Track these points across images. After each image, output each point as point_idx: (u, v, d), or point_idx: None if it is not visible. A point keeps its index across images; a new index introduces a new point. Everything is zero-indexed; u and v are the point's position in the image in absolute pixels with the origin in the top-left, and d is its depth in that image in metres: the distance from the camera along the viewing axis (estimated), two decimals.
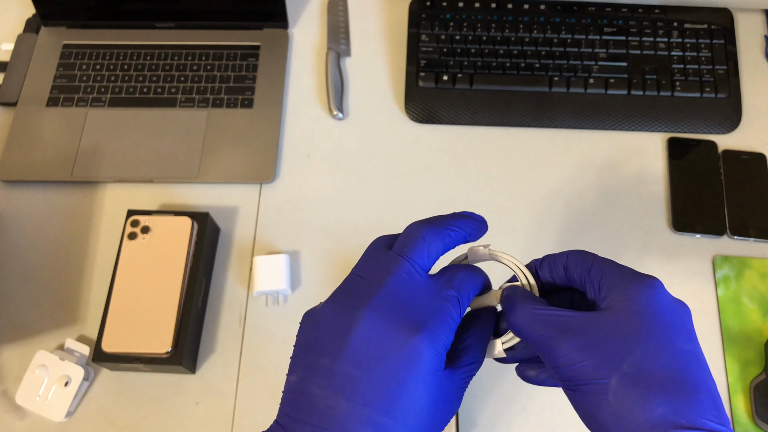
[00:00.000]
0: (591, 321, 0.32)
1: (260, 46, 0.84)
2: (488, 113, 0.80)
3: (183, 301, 0.65)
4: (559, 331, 0.32)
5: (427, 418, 0.32)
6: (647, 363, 0.31)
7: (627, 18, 0.84)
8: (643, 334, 0.31)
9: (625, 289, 0.33)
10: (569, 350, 0.32)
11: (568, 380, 0.32)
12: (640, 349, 0.31)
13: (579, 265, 0.35)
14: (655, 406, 0.30)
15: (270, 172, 0.77)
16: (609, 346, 0.31)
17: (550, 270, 0.37)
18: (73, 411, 0.66)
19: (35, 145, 0.78)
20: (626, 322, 0.32)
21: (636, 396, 0.30)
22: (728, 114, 0.80)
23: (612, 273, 0.34)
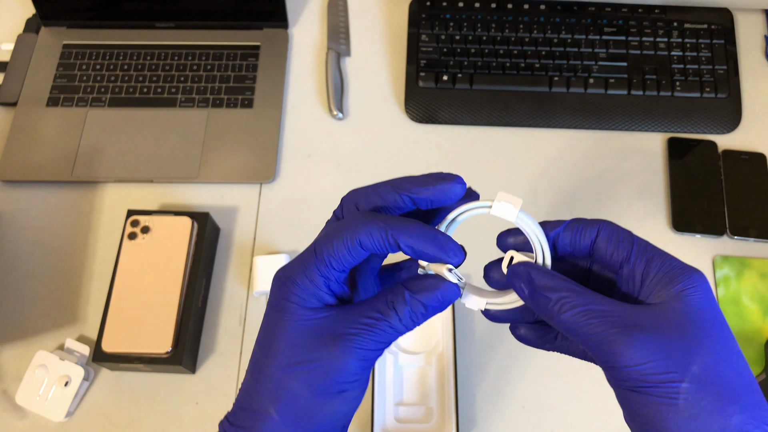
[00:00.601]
0: (651, 316, 0.29)
1: (260, 46, 0.84)
2: (488, 113, 0.80)
3: (183, 301, 0.65)
4: (618, 328, 0.29)
5: (282, 347, 0.32)
6: (717, 365, 0.28)
7: (627, 18, 0.84)
8: (708, 334, 0.29)
9: (676, 284, 0.30)
10: (633, 349, 0.29)
11: (631, 381, 0.29)
12: (708, 351, 0.29)
13: (615, 246, 0.32)
14: (731, 413, 0.28)
15: (270, 172, 0.77)
16: (676, 346, 0.28)
17: (573, 240, 0.33)
18: (73, 411, 0.66)
19: (35, 145, 0.78)
20: (687, 319, 0.29)
21: (711, 402, 0.28)
22: (728, 114, 0.80)
23: (658, 263, 0.31)
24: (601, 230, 0.33)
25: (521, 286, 0.32)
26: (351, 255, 0.32)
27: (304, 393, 0.32)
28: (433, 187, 0.32)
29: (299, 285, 0.32)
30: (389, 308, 0.32)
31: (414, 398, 0.65)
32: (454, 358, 0.65)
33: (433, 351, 0.66)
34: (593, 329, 0.30)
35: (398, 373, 0.66)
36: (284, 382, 0.32)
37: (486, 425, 0.65)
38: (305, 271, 0.32)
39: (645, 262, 0.31)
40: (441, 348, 0.66)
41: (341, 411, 0.33)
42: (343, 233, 0.32)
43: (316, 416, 0.32)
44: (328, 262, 0.32)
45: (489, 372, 0.67)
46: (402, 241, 0.31)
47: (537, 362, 0.68)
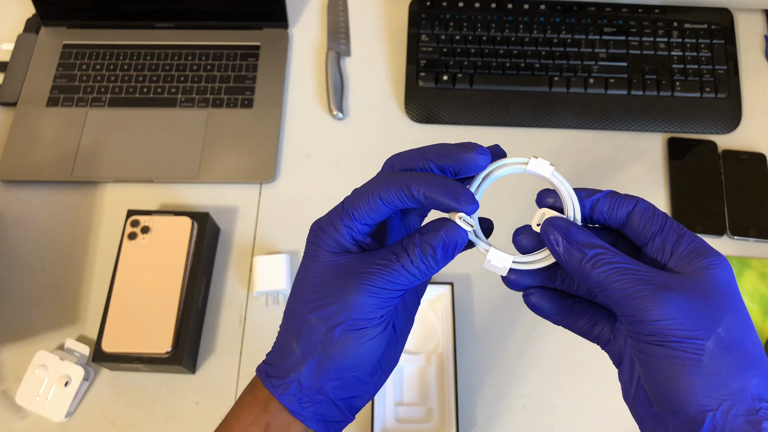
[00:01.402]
0: (680, 280, 0.31)
1: (260, 46, 0.84)
2: (488, 113, 0.80)
3: (183, 301, 0.65)
4: (650, 285, 0.31)
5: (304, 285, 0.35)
6: (739, 332, 0.30)
7: (627, 18, 0.84)
8: (730, 305, 0.31)
9: (704, 259, 0.32)
10: (662, 304, 0.30)
11: (657, 335, 0.30)
12: (732, 318, 0.30)
13: (649, 220, 0.34)
14: (751, 376, 0.30)
15: (270, 172, 0.77)
16: (703, 308, 0.30)
17: (611, 210, 0.35)
18: (73, 411, 0.66)
19: (35, 145, 0.78)
20: (713, 289, 0.31)
21: (733, 362, 0.30)
22: (728, 114, 0.80)
23: (688, 239, 0.33)
24: (639, 203, 0.35)
25: (557, 239, 0.33)
26: (371, 208, 0.34)
27: (320, 328, 0.34)
28: (456, 156, 0.34)
29: (326, 232, 0.35)
30: (402, 250, 0.34)
31: (414, 398, 0.65)
32: (454, 358, 0.65)
33: (433, 351, 0.66)
34: (624, 285, 0.31)
35: (398, 373, 0.66)
36: (304, 317, 0.34)
37: (486, 425, 0.65)
38: (332, 221, 0.35)
39: (677, 236, 0.33)
40: (441, 348, 0.66)
41: (357, 351, 0.34)
42: (366, 188, 0.34)
43: (332, 351, 0.34)
44: (351, 214, 0.34)
45: (489, 372, 0.67)
46: (414, 189, 0.33)
47: (537, 362, 0.68)
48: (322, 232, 0.35)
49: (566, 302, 0.37)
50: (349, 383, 0.35)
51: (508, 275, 0.36)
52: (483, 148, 0.35)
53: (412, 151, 0.35)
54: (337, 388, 0.35)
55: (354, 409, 0.37)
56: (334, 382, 0.35)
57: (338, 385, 0.35)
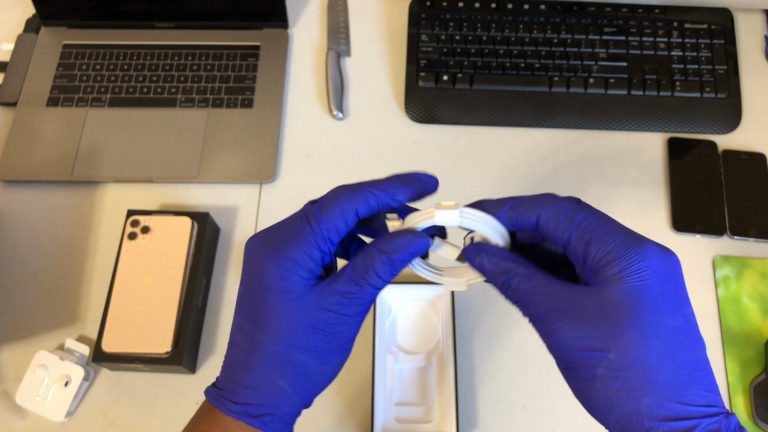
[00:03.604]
0: (582, 301, 0.31)
1: (260, 46, 0.84)
2: (488, 113, 0.80)
3: (183, 301, 0.65)
4: (552, 311, 0.32)
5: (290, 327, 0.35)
6: (634, 351, 0.30)
7: (627, 18, 0.84)
8: (632, 320, 0.30)
9: (614, 267, 0.31)
10: (562, 332, 0.31)
11: (562, 360, 0.32)
12: (628, 337, 0.30)
13: (555, 231, 0.33)
14: (639, 397, 0.30)
15: (270, 172, 0.77)
16: (599, 333, 0.30)
17: (517, 224, 0.35)
18: (73, 411, 0.66)
19: (35, 145, 0.78)
20: (615, 306, 0.31)
21: (622, 387, 0.30)
22: (728, 114, 0.80)
23: (597, 245, 0.32)
24: (541, 214, 0.34)
25: (475, 267, 0.35)
26: (346, 224, 0.35)
27: (313, 363, 0.35)
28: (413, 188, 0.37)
29: (296, 262, 0.35)
30: (371, 272, 0.35)
31: (414, 398, 0.65)
32: (454, 358, 0.65)
33: (433, 351, 0.66)
34: (532, 309, 0.33)
35: (398, 373, 0.66)
36: (293, 356, 0.35)
37: (486, 425, 0.65)
38: (303, 248, 0.35)
39: (584, 245, 0.32)
40: (441, 348, 0.66)
41: (338, 367, 0.37)
42: (338, 203, 0.35)
43: (319, 378, 0.36)
44: (326, 236, 0.35)
45: (489, 372, 0.67)
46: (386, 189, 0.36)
47: (537, 362, 0.68)
48: (291, 263, 0.34)
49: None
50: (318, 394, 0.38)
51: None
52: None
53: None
54: (314, 397, 0.38)
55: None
56: (315, 396, 0.38)
57: (315, 395, 0.38)
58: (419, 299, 0.68)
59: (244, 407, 0.35)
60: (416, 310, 0.68)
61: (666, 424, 0.29)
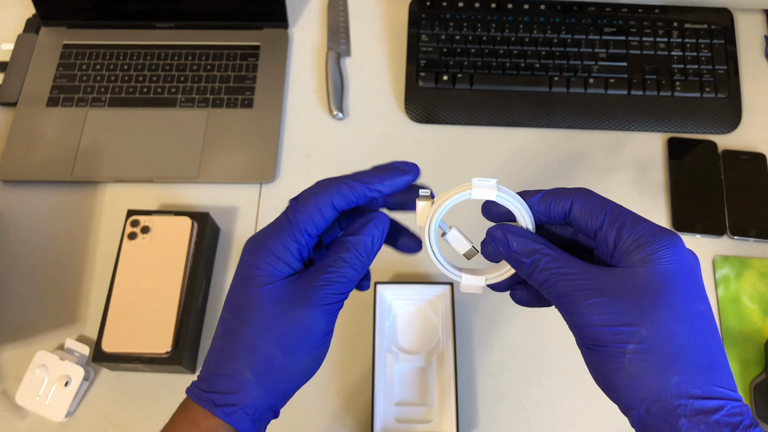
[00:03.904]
0: (612, 280, 0.32)
1: (260, 46, 0.84)
2: (488, 113, 0.80)
3: (183, 301, 0.65)
4: (581, 290, 0.32)
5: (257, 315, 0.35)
6: (665, 329, 0.30)
7: (627, 18, 0.84)
8: (663, 298, 0.31)
9: (645, 249, 0.32)
10: (590, 310, 0.31)
11: (587, 339, 0.32)
12: (660, 315, 0.30)
13: (588, 216, 0.34)
14: (669, 375, 0.30)
15: (270, 172, 0.77)
16: (630, 310, 0.31)
17: (548, 210, 0.35)
18: (73, 411, 0.66)
19: (35, 145, 0.78)
20: (646, 284, 0.31)
21: (654, 362, 0.30)
22: (728, 114, 0.80)
23: (629, 230, 0.33)
24: (575, 201, 0.35)
25: (499, 248, 0.35)
26: (324, 217, 0.36)
27: (278, 355, 0.35)
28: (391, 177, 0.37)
29: (272, 252, 0.35)
30: (338, 259, 0.35)
31: (414, 398, 0.65)
32: (454, 358, 0.65)
33: (433, 351, 0.66)
34: (559, 290, 0.33)
35: (398, 373, 0.66)
36: (258, 345, 0.35)
37: (486, 425, 0.65)
38: (279, 239, 0.35)
39: (616, 230, 0.33)
40: (441, 348, 0.66)
41: (309, 366, 0.36)
42: (310, 198, 0.36)
43: (288, 373, 0.36)
44: (303, 228, 0.35)
45: (489, 372, 0.67)
46: (363, 179, 0.36)
47: (537, 362, 0.68)
48: (268, 253, 0.35)
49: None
50: (292, 393, 0.37)
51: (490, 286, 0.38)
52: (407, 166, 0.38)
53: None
54: (285, 400, 0.37)
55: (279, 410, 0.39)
56: (285, 398, 0.37)
57: (286, 397, 0.37)
58: (419, 299, 0.68)
59: (211, 395, 0.36)
60: (416, 310, 0.68)
61: (695, 402, 0.29)
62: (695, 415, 0.29)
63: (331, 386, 0.67)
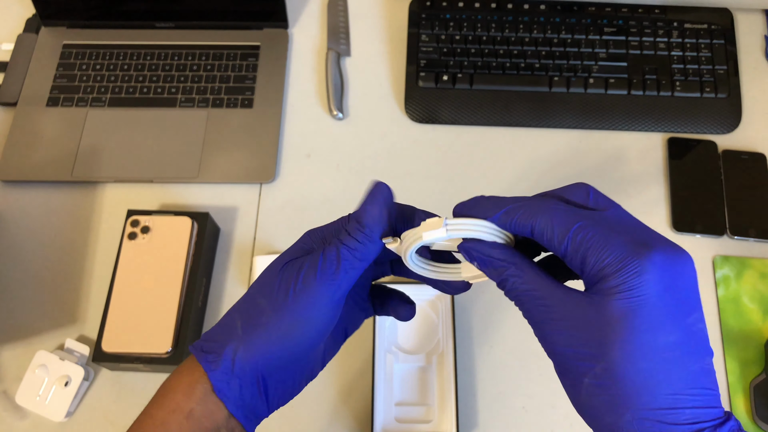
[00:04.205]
0: (578, 309, 0.31)
1: (260, 46, 0.84)
2: (488, 113, 0.80)
3: (183, 301, 0.65)
4: (549, 317, 0.32)
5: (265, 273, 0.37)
6: (619, 367, 0.30)
7: (627, 18, 0.84)
8: (620, 336, 0.30)
9: (609, 281, 0.31)
10: (558, 336, 0.32)
11: (556, 363, 0.33)
12: (617, 353, 0.30)
13: (550, 241, 0.33)
14: (622, 412, 0.30)
15: (270, 172, 0.77)
16: (590, 344, 0.31)
17: (513, 229, 0.34)
18: (73, 411, 0.66)
19: (35, 145, 0.78)
20: (609, 319, 0.30)
21: (607, 398, 0.30)
22: (728, 114, 0.80)
23: (593, 258, 0.31)
24: (535, 226, 0.33)
25: (474, 262, 0.36)
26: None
27: (267, 309, 0.35)
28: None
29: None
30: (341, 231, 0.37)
31: (414, 398, 0.65)
32: (454, 358, 0.65)
33: (433, 351, 0.66)
34: (530, 312, 0.33)
35: (398, 373, 0.66)
36: (252, 297, 0.36)
37: (486, 425, 0.65)
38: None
39: (580, 258, 0.32)
40: (441, 348, 0.66)
41: (301, 336, 0.35)
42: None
43: (274, 333, 0.35)
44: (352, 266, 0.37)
45: (489, 372, 0.67)
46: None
47: (537, 362, 0.68)
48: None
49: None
50: (280, 367, 0.36)
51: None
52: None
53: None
54: (269, 368, 0.35)
55: (273, 404, 0.37)
56: (267, 361, 0.35)
57: (270, 366, 0.35)
58: (419, 299, 0.68)
59: (202, 343, 0.36)
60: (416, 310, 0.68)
61: None
62: None
63: (331, 386, 0.67)
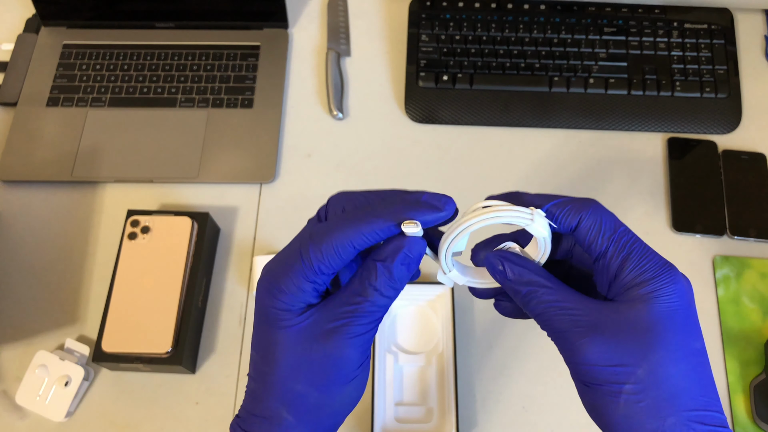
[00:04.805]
0: (612, 317, 0.31)
1: (260, 46, 0.84)
2: (488, 113, 0.80)
3: (183, 301, 0.65)
4: (578, 326, 0.31)
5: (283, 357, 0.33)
6: (662, 370, 0.30)
7: (627, 18, 0.84)
8: (661, 339, 0.31)
9: (646, 287, 0.31)
10: (587, 348, 0.31)
11: (584, 376, 0.32)
12: (657, 356, 0.30)
13: (594, 238, 0.33)
14: (665, 416, 0.30)
15: (270, 172, 0.77)
16: (628, 349, 0.31)
17: (558, 221, 0.34)
18: (73, 411, 0.66)
19: (35, 145, 0.78)
20: (645, 324, 0.31)
21: (650, 403, 0.30)
22: (728, 114, 0.80)
23: (634, 262, 0.32)
24: (584, 218, 0.33)
25: (495, 275, 0.34)
26: (339, 257, 0.32)
27: (312, 393, 0.33)
28: (422, 215, 0.32)
29: (287, 293, 0.33)
30: (367, 287, 0.33)
31: (414, 398, 0.65)
32: (454, 358, 0.65)
33: (433, 351, 0.66)
34: (555, 324, 0.32)
35: (398, 373, 0.66)
36: (290, 386, 0.33)
37: (486, 425, 0.65)
38: (293, 279, 0.33)
39: (621, 260, 0.32)
40: (441, 348, 0.66)
41: (350, 396, 0.35)
42: (329, 237, 0.32)
43: (328, 409, 0.34)
44: (317, 269, 0.32)
45: (489, 372, 0.67)
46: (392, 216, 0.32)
47: (537, 362, 0.68)
48: (282, 294, 0.33)
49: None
50: (339, 424, 0.36)
51: (470, 288, 0.37)
52: (448, 205, 0.33)
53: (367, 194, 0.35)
54: (335, 428, 0.36)
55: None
56: (334, 428, 0.35)
57: (333, 429, 0.35)
58: (419, 299, 0.68)
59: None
60: (416, 310, 0.68)
61: None
62: None
63: None
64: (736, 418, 0.65)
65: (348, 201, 0.35)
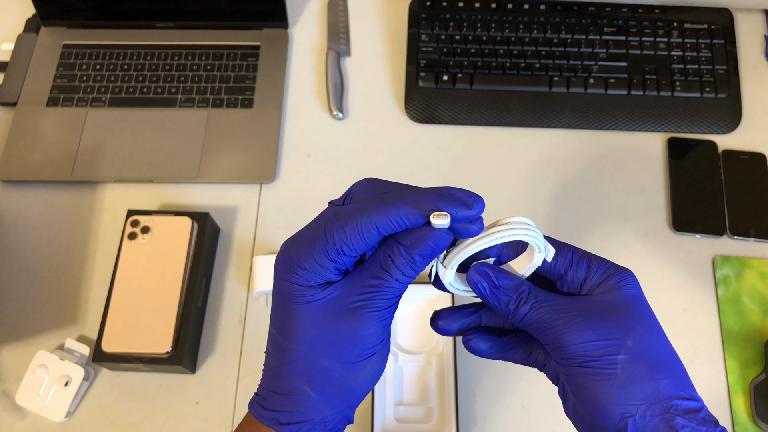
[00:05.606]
0: (591, 304, 0.35)
1: (260, 46, 0.84)
2: (488, 113, 0.80)
3: (183, 301, 0.65)
4: (566, 314, 0.34)
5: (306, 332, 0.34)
6: (647, 340, 0.34)
7: (627, 18, 0.84)
8: (638, 316, 0.34)
9: (613, 279, 0.36)
10: (576, 331, 0.33)
11: (576, 358, 0.33)
12: (639, 329, 0.34)
13: (558, 259, 0.37)
14: (660, 378, 0.33)
15: (270, 172, 0.77)
16: (613, 326, 0.34)
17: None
18: (73, 411, 0.66)
19: (35, 145, 0.78)
20: (622, 305, 0.35)
21: (643, 369, 0.33)
22: (728, 114, 0.80)
23: (596, 265, 0.36)
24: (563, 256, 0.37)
25: (483, 284, 0.35)
26: (364, 239, 0.32)
27: (337, 367, 0.34)
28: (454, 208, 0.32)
29: (308, 270, 0.33)
30: (390, 264, 0.33)
31: (414, 398, 0.65)
32: (454, 358, 0.65)
33: (433, 351, 0.66)
34: (544, 317, 0.34)
35: (398, 373, 0.66)
36: (314, 361, 0.34)
37: (486, 425, 0.65)
38: (315, 257, 0.33)
39: (586, 264, 0.37)
40: (441, 348, 0.66)
41: (373, 372, 0.35)
42: (357, 219, 0.32)
43: (352, 383, 0.35)
44: (340, 249, 0.33)
45: (489, 372, 0.67)
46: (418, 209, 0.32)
47: None
48: (303, 270, 0.33)
49: (501, 339, 0.39)
50: (360, 400, 0.36)
51: (436, 323, 0.39)
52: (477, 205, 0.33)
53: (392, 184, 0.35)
54: (355, 406, 0.36)
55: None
56: (354, 405, 0.36)
57: (356, 404, 0.36)
58: (419, 299, 0.68)
59: (274, 414, 0.34)
60: (416, 310, 0.68)
61: (683, 403, 0.32)
62: (686, 414, 0.32)
63: None
64: (736, 418, 0.65)
65: (372, 188, 0.35)
